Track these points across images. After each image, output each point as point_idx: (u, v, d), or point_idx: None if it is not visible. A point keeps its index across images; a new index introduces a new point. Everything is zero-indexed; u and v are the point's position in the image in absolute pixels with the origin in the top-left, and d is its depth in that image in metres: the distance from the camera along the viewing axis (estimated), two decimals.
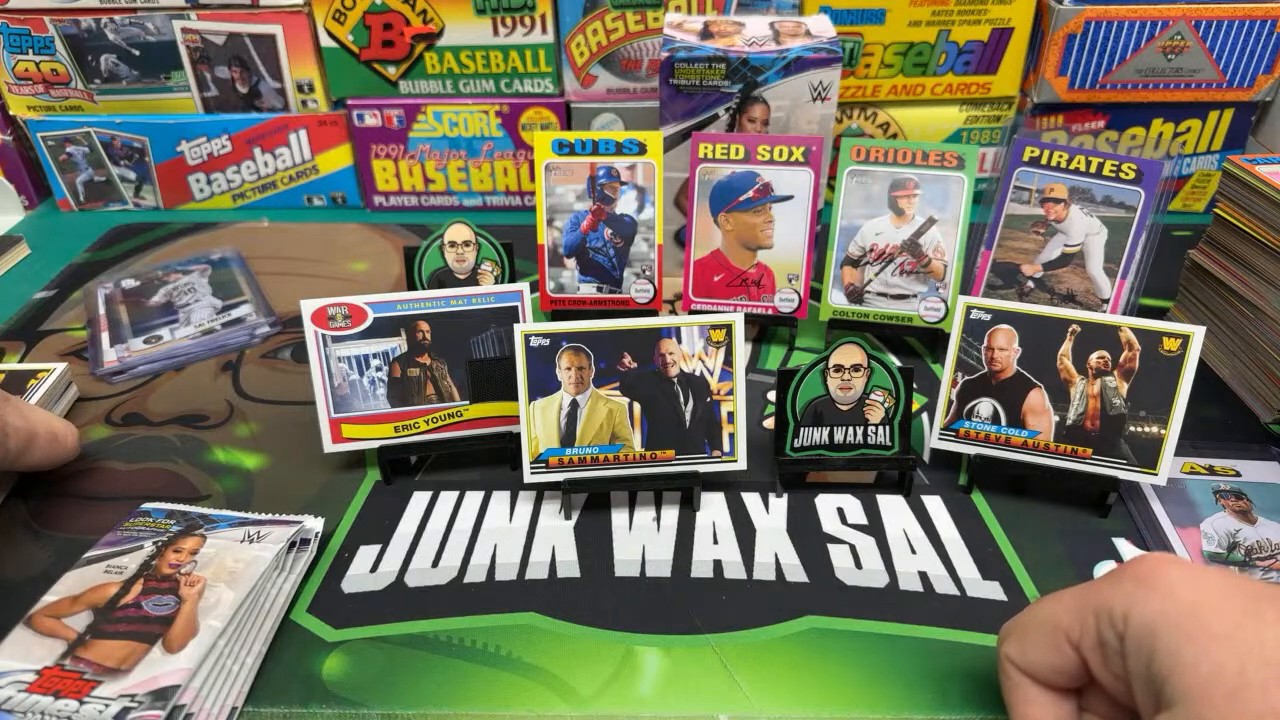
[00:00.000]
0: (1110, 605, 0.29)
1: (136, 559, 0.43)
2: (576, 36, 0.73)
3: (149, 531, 0.45)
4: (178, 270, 0.70)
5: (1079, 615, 0.31)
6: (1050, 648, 0.32)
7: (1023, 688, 0.33)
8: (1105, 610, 0.30)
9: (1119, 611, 0.29)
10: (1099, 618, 0.30)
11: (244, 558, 0.42)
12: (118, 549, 0.43)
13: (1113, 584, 0.30)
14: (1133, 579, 0.30)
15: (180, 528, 0.45)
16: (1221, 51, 0.71)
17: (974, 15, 0.71)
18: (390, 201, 0.81)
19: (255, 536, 0.44)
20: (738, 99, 0.62)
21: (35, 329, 0.65)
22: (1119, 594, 0.29)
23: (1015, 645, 0.33)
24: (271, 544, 0.43)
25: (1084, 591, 0.31)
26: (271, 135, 0.78)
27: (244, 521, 0.46)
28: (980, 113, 0.76)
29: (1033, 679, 0.33)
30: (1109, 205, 0.56)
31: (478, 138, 0.78)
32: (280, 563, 0.44)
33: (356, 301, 0.49)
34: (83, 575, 0.42)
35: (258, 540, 0.44)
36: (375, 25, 0.74)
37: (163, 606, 0.40)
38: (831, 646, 0.40)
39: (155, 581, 0.41)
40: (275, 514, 0.47)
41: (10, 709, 0.36)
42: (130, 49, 0.76)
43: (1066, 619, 0.31)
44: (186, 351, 0.61)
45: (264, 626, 0.41)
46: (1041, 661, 0.32)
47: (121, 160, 0.80)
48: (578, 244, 0.60)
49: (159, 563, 0.42)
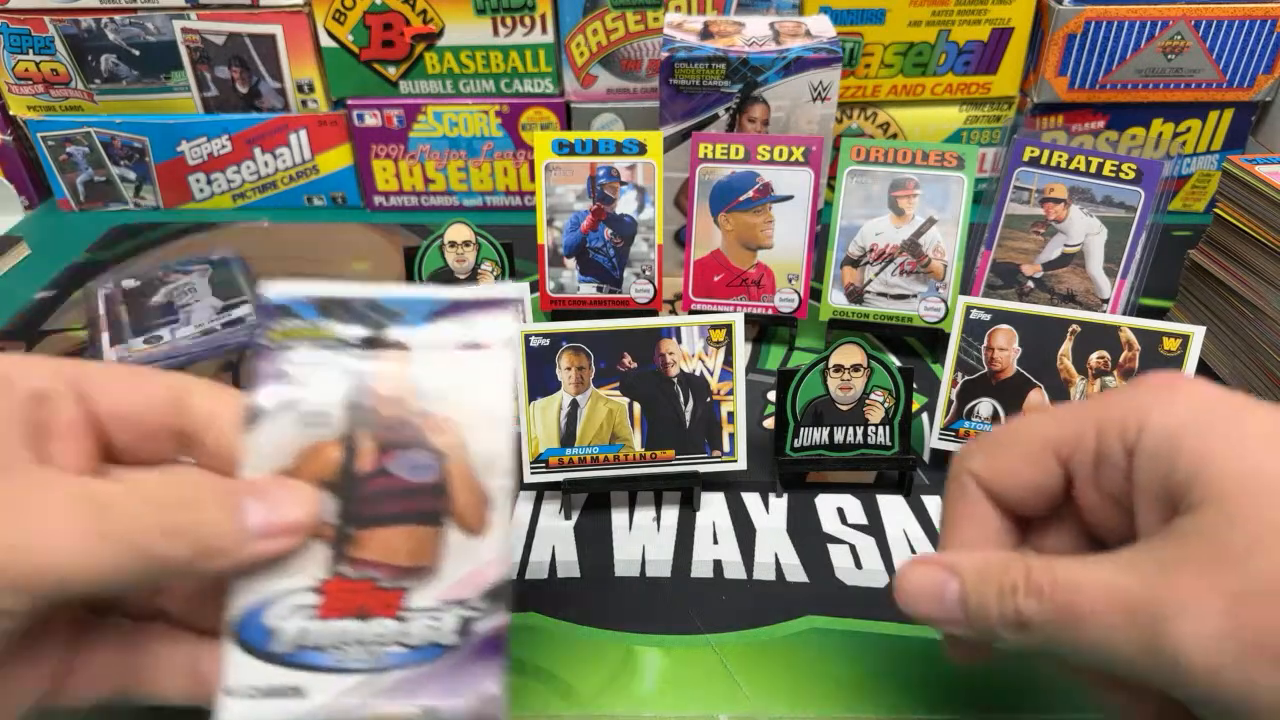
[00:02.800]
0: (1120, 416, 0.26)
1: (332, 396, 0.27)
2: (576, 36, 0.73)
3: (318, 344, 0.27)
4: (178, 270, 0.70)
5: (1075, 428, 0.28)
6: (1031, 462, 0.29)
7: (974, 503, 0.30)
8: (1113, 421, 0.27)
9: (1131, 422, 0.26)
10: (1103, 429, 0.27)
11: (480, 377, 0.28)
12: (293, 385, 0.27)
13: (1122, 397, 0.27)
14: (1149, 389, 0.27)
15: (365, 335, 0.28)
16: (1221, 51, 0.71)
17: (974, 15, 0.71)
18: (390, 202, 0.81)
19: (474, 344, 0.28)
20: (738, 99, 0.62)
21: (35, 329, 0.65)
22: (1131, 405, 0.26)
23: (985, 459, 0.30)
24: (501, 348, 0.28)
25: (1081, 406, 0.28)
26: (271, 135, 0.78)
27: (440, 310, 0.28)
28: (980, 113, 0.76)
29: (992, 498, 0.30)
30: (1109, 205, 0.56)
31: (478, 138, 0.78)
32: None
33: None
34: (275, 436, 0.27)
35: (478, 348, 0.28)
36: (375, 25, 0.74)
37: (424, 471, 0.27)
38: (831, 646, 0.40)
39: (388, 434, 0.27)
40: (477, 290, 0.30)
41: (315, 644, 0.26)
42: (130, 49, 0.76)
43: (1058, 432, 0.28)
44: (187, 352, 0.61)
45: None
46: (1016, 478, 0.29)
47: (121, 160, 0.80)
48: (578, 244, 0.60)
49: (375, 405, 0.27)
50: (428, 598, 0.26)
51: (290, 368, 0.27)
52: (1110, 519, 0.28)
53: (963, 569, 0.27)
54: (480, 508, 0.27)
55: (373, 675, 0.26)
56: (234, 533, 0.24)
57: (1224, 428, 0.25)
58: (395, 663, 0.26)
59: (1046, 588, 0.25)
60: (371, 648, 0.26)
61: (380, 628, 0.26)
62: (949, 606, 0.28)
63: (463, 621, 0.26)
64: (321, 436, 0.26)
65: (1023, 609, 0.25)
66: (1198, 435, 0.25)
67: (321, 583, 0.26)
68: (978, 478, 0.30)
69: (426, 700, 0.26)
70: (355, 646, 0.26)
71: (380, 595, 0.26)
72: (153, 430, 0.28)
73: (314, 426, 0.27)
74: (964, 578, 0.27)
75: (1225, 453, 0.24)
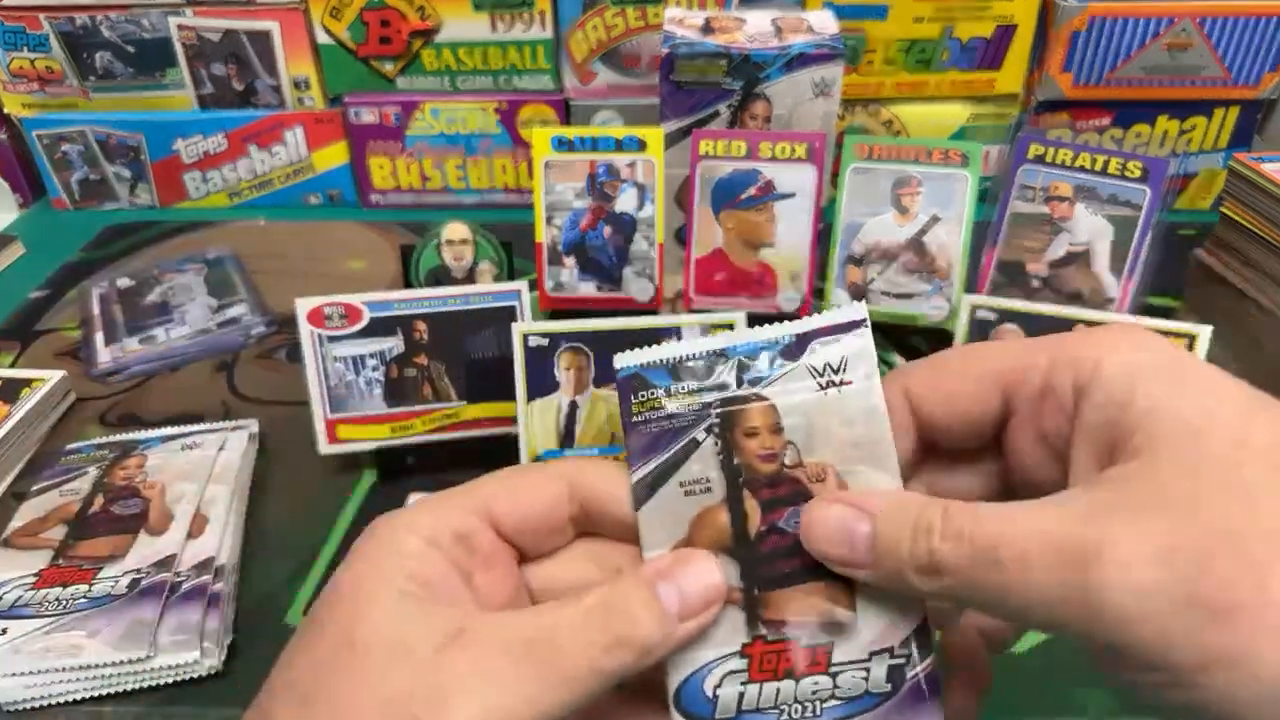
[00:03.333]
0: (1076, 353, 0.25)
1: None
2: (576, 33, 0.73)
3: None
4: (173, 270, 0.69)
5: (1026, 359, 0.27)
6: (973, 388, 0.27)
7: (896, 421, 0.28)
8: (1068, 356, 0.26)
9: (1089, 358, 0.25)
10: (1056, 362, 0.26)
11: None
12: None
13: (1081, 337, 0.26)
14: (1110, 333, 0.26)
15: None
16: (1227, 49, 0.70)
17: (978, 11, 0.71)
18: (387, 199, 0.81)
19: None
20: (739, 95, 0.61)
21: (30, 329, 0.64)
22: (1093, 344, 0.25)
23: (925, 377, 0.28)
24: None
25: (1036, 341, 0.27)
26: (267, 133, 0.78)
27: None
28: (984, 110, 0.75)
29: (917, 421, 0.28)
30: (1114, 203, 0.55)
31: (476, 135, 0.77)
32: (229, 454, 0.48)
33: (353, 301, 0.49)
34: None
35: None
36: (373, 21, 0.73)
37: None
38: None
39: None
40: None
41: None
42: (125, 46, 0.75)
43: (1008, 362, 0.27)
44: (181, 352, 0.61)
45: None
46: (953, 402, 0.28)
47: (117, 158, 0.79)
48: (577, 242, 0.59)
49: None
50: (853, 650, 0.26)
51: (659, 438, 0.27)
52: (1037, 465, 0.27)
53: (874, 509, 0.26)
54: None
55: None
56: (662, 625, 0.25)
57: (1183, 380, 0.24)
58: (835, 716, 0.26)
59: (967, 529, 0.24)
60: (810, 704, 0.26)
61: (814, 685, 0.26)
62: (858, 549, 0.26)
63: (891, 670, 0.26)
64: (706, 503, 0.27)
65: (937, 551, 0.24)
66: (1155, 382, 0.23)
67: (744, 647, 0.27)
68: (911, 396, 0.28)
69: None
70: (794, 705, 0.26)
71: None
72: (556, 527, 0.29)
73: (697, 494, 0.27)
74: (875, 518, 0.26)
75: (1180, 404, 0.23)
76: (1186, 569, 0.21)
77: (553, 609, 0.26)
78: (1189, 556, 0.21)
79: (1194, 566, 0.21)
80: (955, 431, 0.28)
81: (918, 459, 0.29)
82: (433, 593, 0.26)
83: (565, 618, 0.25)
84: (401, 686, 0.23)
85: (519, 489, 0.29)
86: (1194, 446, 0.22)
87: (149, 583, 0.39)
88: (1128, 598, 0.21)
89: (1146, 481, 0.22)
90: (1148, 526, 0.21)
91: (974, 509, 0.24)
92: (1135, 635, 0.21)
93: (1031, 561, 0.22)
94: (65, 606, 0.38)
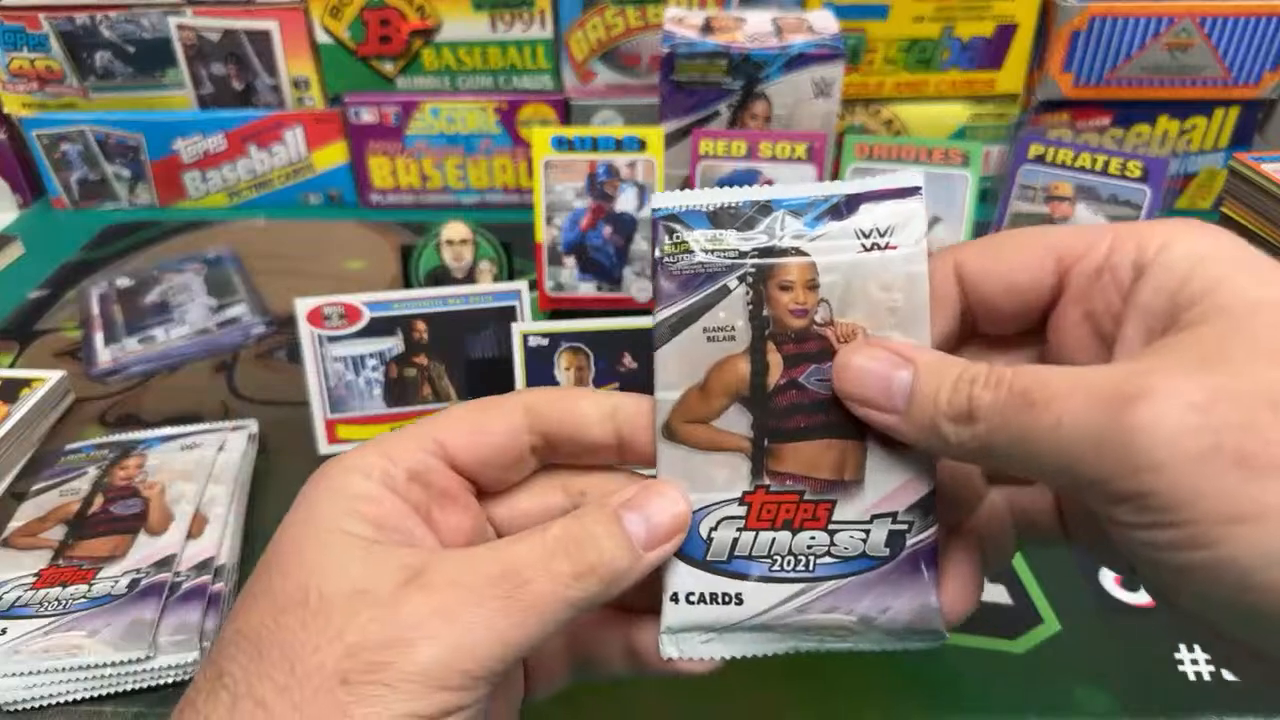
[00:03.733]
0: (1142, 233, 0.25)
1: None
2: (576, 32, 0.73)
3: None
4: (172, 269, 0.69)
5: (1089, 238, 0.26)
6: (1028, 262, 0.27)
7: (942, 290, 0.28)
8: (1137, 236, 0.25)
9: (1157, 239, 0.24)
10: (1119, 240, 0.25)
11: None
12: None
13: (1151, 222, 0.26)
14: (1183, 222, 0.25)
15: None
16: (1228, 48, 0.70)
17: (978, 11, 0.71)
18: (387, 199, 0.80)
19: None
20: (739, 95, 0.61)
21: (29, 329, 0.64)
22: (1162, 227, 0.25)
23: (980, 251, 0.28)
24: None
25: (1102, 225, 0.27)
26: (267, 132, 0.78)
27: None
28: (985, 109, 0.75)
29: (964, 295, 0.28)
30: (1115, 203, 0.55)
31: (476, 134, 0.77)
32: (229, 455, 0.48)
33: (352, 300, 0.49)
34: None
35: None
36: (372, 21, 0.73)
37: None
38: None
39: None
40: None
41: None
42: (125, 46, 0.75)
43: (1069, 239, 0.27)
44: (181, 352, 0.61)
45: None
46: (1006, 276, 0.27)
47: (116, 158, 0.79)
48: (577, 242, 0.59)
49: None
50: (855, 511, 0.26)
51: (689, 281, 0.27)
52: (1081, 348, 0.26)
53: (918, 359, 0.25)
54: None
55: (806, 585, 0.26)
56: (628, 554, 0.26)
57: (1244, 264, 0.23)
58: (827, 573, 0.26)
59: (1007, 378, 0.23)
60: (803, 558, 0.26)
61: (810, 539, 0.26)
62: (893, 395, 0.25)
63: (892, 535, 0.26)
64: (728, 350, 0.27)
65: (977, 398, 0.23)
66: (1219, 262, 0.23)
67: (745, 495, 0.27)
68: (963, 270, 0.28)
69: (862, 610, 0.26)
70: (788, 557, 0.26)
71: (808, 507, 0.26)
72: (516, 460, 0.29)
73: (720, 341, 0.27)
74: (918, 367, 0.25)
75: (1240, 283, 0.22)
76: (1229, 419, 0.20)
77: (516, 541, 0.25)
78: (1232, 409, 0.20)
79: (1237, 418, 0.20)
80: (1003, 308, 0.27)
81: (956, 342, 0.28)
82: (388, 535, 0.25)
83: (530, 549, 0.25)
84: (364, 632, 0.23)
85: (475, 422, 0.28)
86: (1250, 317, 0.22)
87: (149, 583, 0.40)
88: (1162, 442, 0.20)
89: (1197, 345, 0.22)
90: (1192, 379, 0.21)
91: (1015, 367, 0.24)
92: (1165, 481, 0.20)
93: (1065, 403, 0.22)
94: (65, 606, 0.38)
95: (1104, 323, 0.25)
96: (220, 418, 0.54)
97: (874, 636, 0.27)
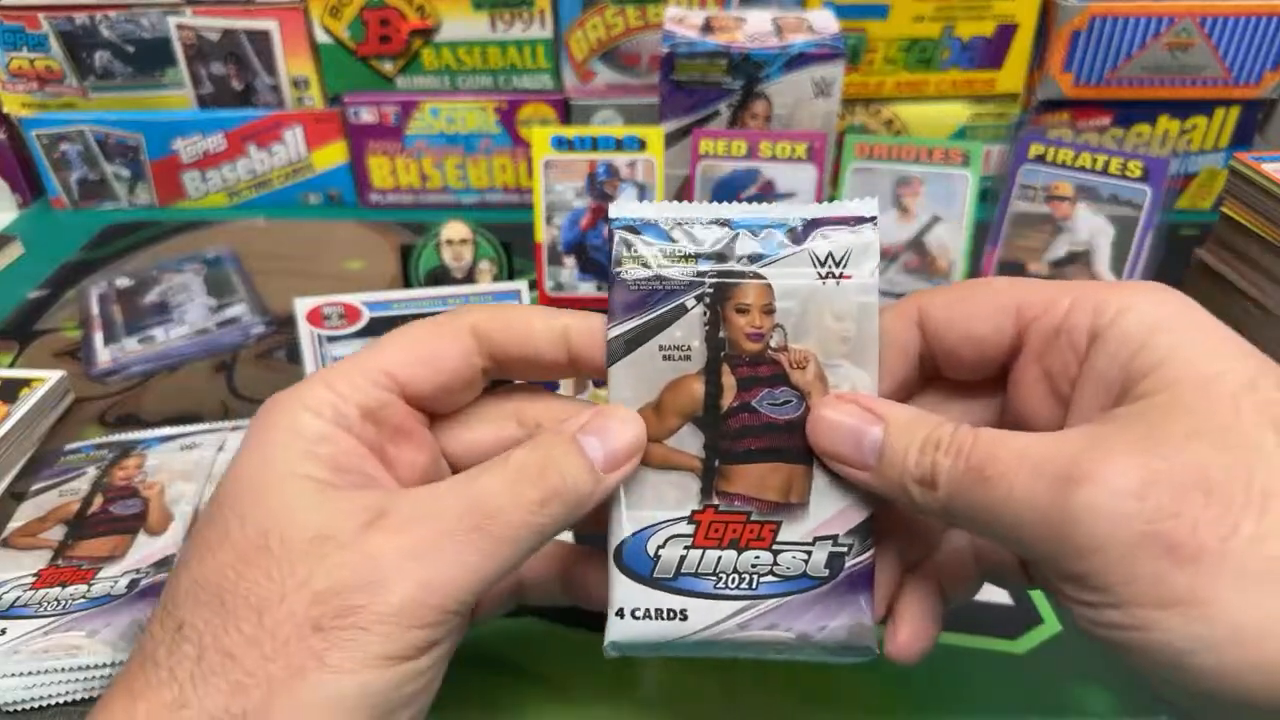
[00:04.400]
0: (1104, 298, 0.25)
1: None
2: (576, 32, 0.73)
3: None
4: (172, 269, 0.69)
5: (1049, 296, 0.26)
6: (991, 315, 0.27)
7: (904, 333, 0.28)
8: (1094, 300, 0.25)
9: (1113, 305, 0.25)
10: (1078, 303, 0.25)
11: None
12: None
13: (1110, 285, 0.26)
14: (1142, 287, 0.25)
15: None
16: (1229, 48, 0.70)
17: (978, 10, 0.71)
18: (386, 199, 0.80)
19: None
20: (739, 95, 0.61)
21: (29, 329, 0.64)
22: (1119, 292, 0.25)
23: (942, 298, 0.28)
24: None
25: (1063, 284, 0.27)
26: (266, 132, 0.77)
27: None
28: (985, 109, 0.75)
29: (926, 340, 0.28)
30: (1115, 203, 0.55)
31: (475, 134, 0.77)
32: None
33: (352, 300, 0.49)
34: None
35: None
36: (372, 21, 0.73)
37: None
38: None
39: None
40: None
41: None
42: (125, 46, 0.75)
43: (1029, 295, 0.27)
44: (180, 352, 0.61)
45: None
46: (967, 325, 0.27)
47: (116, 158, 0.79)
48: (577, 242, 0.59)
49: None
50: (799, 532, 0.27)
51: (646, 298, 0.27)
52: (1037, 405, 0.27)
53: (890, 416, 0.26)
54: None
55: (749, 602, 0.27)
56: (590, 477, 0.26)
57: (1198, 335, 0.23)
58: (769, 592, 0.27)
59: (968, 444, 0.24)
60: (747, 576, 0.27)
61: (755, 559, 0.27)
62: (865, 452, 0.26)
63: (832, 556, 0.27)
64: (683, 370, 0.27)
65: (938, 464, 0.24)
66: (1173, 333, 0.23)
67: (693, 513, 0.27)
68: (926, 313, 0.28)
69: (800, 627, 0.27)
70: (732, 574, 0.27)
71: (754, 528, 0.27)
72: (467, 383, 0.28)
73: (675, 360, 0.27)
74: (889, 425, 0.26)
75: (1193, 355, 0.23)
76: (1161, 506, 0.20)
77: (480, 474, 0.26)
78: (1165, 495, 0.21)
79: (1167, 504, 0.20)
80: (964, 356, 0.28)
81: (916, 387, 0.29)
82: (345, 478, 0.25)
83: (494, 480, 0.25)
84: (331, 578, 0.23)
85: (424, 351, 0.27)
86: (1199, 393, 0.22)
87: (148, 583, 0.39)
88: (1099, 525, 0.21)
89: (1141, 422, 0.22)
90: (1132, 461, 0.21)
91: (976, 430, 0.24)
92: (1103, 564, 0.21)
93: (1015, 479, 0.22)
94: (64, 607, 0.38)
95: (1060, 384, 0.26)
96: (220, 418, 0.54)
97: (810, 651, 0.27)
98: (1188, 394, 0.22)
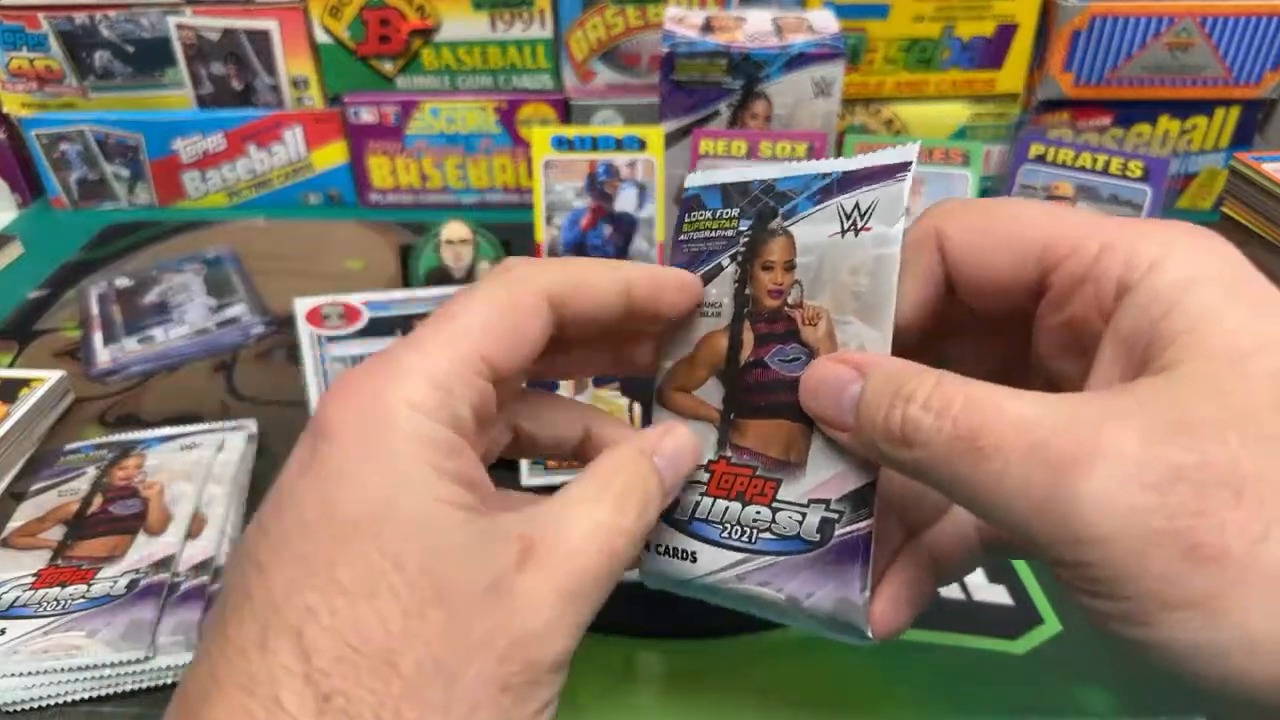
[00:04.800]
0: (1137, 245, 0.22)
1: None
2: (576, 32, 0.73)
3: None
4: (172, 269, 0.69)
5: (1079, 236, 0.23)
6: (1015, 252, 0.24)
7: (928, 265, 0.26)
8: (1126, 247, 0.22)
9: (1145, 255, 0.22)
10: (1109, 249, 0.23)
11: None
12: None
13: (1145, 228, 0.23)
14: (1181, 233, 0.22)
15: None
16: (1229, 48, 0.70)
17: (978, 10, 0.71)
18: (386, 199, 0.80)
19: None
20: (739, 95, 0.61)
21: (28, 329, 0.64)
22: (1156, 237, 0.22)
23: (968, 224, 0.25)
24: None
25: (1091, 217, 0.24)
26: (266, 132, 0.77)
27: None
28: (985, 109, 0.75)
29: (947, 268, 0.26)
30: (1115, 203, 0.55)
31: (475, 134, 0.77)
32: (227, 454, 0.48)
33: (352, 300, 0.49)
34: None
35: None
36: (372, 21, 0.73)
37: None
38: (835, 651, 0.40)
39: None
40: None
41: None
42: (125, 45, 0.75)
43: (1059, 231, 0.24)
44: (180, 352, 0.61)
45: None
46: (989, 262, 0.25)
47: (115, 158, 0.79)
48: (577, 242, 0.59)
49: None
50: (796, 493, 0.27)
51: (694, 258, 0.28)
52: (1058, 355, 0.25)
53: (871, 371, 0.24)
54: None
55: (748, 555, 0.27)
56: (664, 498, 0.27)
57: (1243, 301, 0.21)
58: (765, 548, 0.27)
59: (956, 404, 0.21)
60: (748, 530, 0.27)
61: (756, 513, 0.27)
62: (844, 411, 0.24)
63: (824, 521, 0.26)
64: (713, 326, 0.28)
65: (911, 420, 0.22)
66: (1209, 291, 0.21)
67: (709, 463, 0.28)
68: (946, 242, 0.25)
69: (790, 590, 0.27)
70: (735, 526, 0.27)
71: (758, 483, 0.27)
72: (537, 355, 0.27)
73: (709, 316, 0.28)
74: (869, 380, 0.24)
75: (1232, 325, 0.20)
76: (1182, 501, 0.19)
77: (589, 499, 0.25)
78: (1189, 489, 0.19)
79: (1192, 500, 0.19)
80: (982, 295, 0.26)
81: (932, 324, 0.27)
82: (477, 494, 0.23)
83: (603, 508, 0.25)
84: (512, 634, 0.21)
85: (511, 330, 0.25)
86: (1234, 371, 0.20)
87: (148, 583, 0.40)
88: (1108, 517, 0.19)
89: (1169, 398, 0.20)
90: (1155, 448, 0.19)
91: (968, 387, 0.22)
92: (1107, 555, 0.19)
93: (1011, 455, 0.20)
94: (64, 607, 0.38)
95: (1084, 336, 0.24)
96: (219, 418, 0.54)
97: (801, 619, 0.27)
98: (1221, 371, 0.20)
